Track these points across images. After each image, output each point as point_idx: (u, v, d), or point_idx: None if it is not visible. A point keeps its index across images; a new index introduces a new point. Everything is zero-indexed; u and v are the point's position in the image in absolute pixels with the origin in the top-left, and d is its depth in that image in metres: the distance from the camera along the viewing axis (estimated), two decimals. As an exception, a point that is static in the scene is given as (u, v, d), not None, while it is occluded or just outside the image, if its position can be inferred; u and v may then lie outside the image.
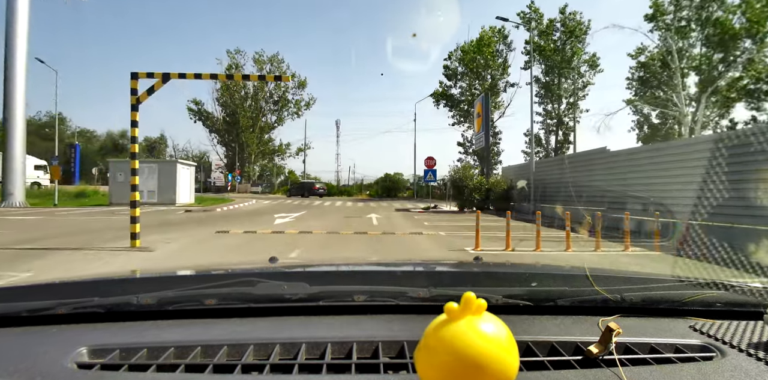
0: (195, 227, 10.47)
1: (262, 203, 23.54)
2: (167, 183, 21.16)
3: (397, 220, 13.96)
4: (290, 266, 1.60)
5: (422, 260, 2.14)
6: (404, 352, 0.70)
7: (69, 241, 7.39)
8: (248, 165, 49.47)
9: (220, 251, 7.07)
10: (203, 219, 13.28)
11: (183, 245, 7.44)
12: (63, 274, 4.97)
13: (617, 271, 1.56)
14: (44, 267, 5.23)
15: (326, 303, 0.89)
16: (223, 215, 15.29)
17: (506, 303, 0.89)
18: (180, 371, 0.63)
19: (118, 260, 5.81)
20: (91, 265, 5.45)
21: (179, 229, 10.03)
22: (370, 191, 38.17)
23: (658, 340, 0.75)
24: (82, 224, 11.13)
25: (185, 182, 22.31)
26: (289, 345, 0.71)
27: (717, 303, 0.93)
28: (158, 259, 6.04)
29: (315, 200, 28.09)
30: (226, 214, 16.25)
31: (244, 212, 17.57)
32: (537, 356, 0.68)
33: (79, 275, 1.60)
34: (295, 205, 22.42)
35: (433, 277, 1.28)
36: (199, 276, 1.27)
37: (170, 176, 21.19)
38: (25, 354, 0.68)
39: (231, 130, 48.45)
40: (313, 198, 29.56)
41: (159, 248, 6.76)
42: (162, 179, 21.24)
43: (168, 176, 21.20)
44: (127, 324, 0.82)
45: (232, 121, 47.65)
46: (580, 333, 0.79)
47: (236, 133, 47.64)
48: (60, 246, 6.81)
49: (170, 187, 21.10)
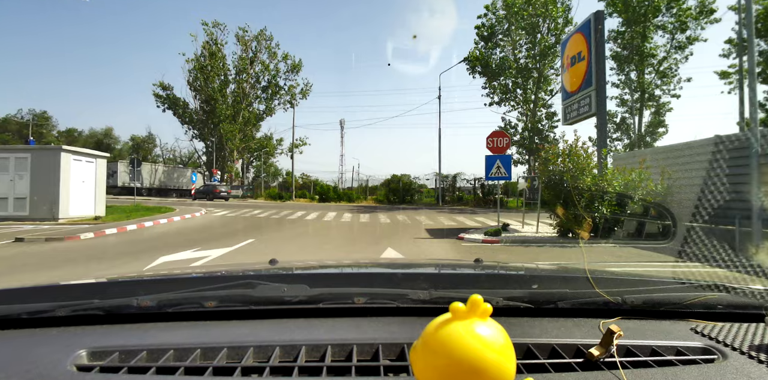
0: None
1: (210, 217, 14.90)
2: (45, 185, 12.60)
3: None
4: (290, 269, 1.44)
5: (423, 262, 2.12)
6: (404, 355, 0.69)
7: None
8: (229, 163, 40.89)
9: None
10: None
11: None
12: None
13: (618, 273, 1.45)
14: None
15: (326, 305, 0.88)
16: (80, 250, 7.62)
17: (507, 305, 0.88)
18: (180, 373, 0.63)
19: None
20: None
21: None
22: (378, 195, 29.60)
23: (659, 342, 0.74)
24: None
25: (83, 184, 13.69)
26: (289, 348, 0.70)
27: (718, 305, 0.92)
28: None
29: (294, 211, 19.29)
30: (94, 245, 8.10)
31: (143, 239, 8.94)
32: (538, 358, 0.68)
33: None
34: (252, 222, 13.66)
35: (433, 279, 1.26)
36: (198, 278, 1.20)
37: (50, 173, 12.63)
38: (25, 356, 0.67)
39: (209, 121, 39.92)
40: (288, 209, 20.91)
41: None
42: (37, 179, 12.69)
43: (47, 173, 12.64)
44: (126, 326, 0.82)
45: (210, 109, 39.08)
46: (581, 335, 0.78)
47: (213, 124, 39.03)
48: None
49: (50, 191, 12.55)
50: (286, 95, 41.64)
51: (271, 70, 41.13)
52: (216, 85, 38.35)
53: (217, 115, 38.06)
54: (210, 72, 38.00)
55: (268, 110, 42.14)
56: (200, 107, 40.18)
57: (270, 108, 42.17)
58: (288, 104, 41.61)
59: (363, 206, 23.86)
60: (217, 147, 41.09)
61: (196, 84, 38.82)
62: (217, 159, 41.26)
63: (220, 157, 41.35)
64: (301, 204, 25.44)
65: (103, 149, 55.59)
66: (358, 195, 29.39)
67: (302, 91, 41.90)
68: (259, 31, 40.21)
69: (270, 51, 41.36)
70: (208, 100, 38.65)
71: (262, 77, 41.09)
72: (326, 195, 28.61)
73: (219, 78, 39.06)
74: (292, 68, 41.60)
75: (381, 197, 28.22)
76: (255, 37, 40.54)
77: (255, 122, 41.87)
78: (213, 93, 38.05)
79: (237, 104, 39.71)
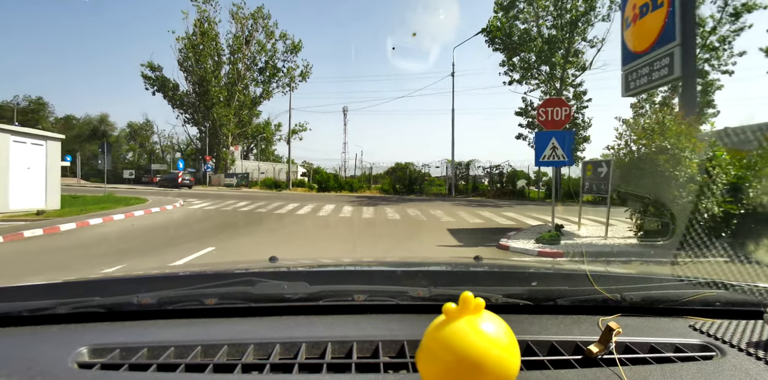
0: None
1: (183, 211, 12.36)
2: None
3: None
4: (290, 266, 1.43)
5: (422, 260, 2.09)
6: (404, 352, 0.69)
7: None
8: (224, 150, 38.30)
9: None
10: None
11: None
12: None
13: (617, 271, 1.49)
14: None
15: (326, 303, 0.87)
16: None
17: (506, 302, 0.88)
18: (180, 370, 0.62)
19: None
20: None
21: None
22: (382, 184, 26.99)
23: (658, 339, 0.74)
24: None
25: (29, 171, 11.19)
26: (289, 345, 0.70)
27: (717, 303, 0.92)
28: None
29: (286, 202, 16.80)
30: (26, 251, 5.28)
31: (63, 246, 6.39)
32: (537, 355, 0.68)
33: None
34: (228, 219, 11.07)
35: (433, 277, 1.22)
36: (199, 276, 1.22)
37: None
38: (26, 353, 0.67)
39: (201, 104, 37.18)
40: (280, 200, 18.48)
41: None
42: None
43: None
44: (127, 323, 0.81)
45: (202, 92, 36.31)
46: (580, 332, 0.78)
47: (206, 107, 36.30)
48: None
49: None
50: (285, 77, 38.74)
51: (268, 51, 38.18)
52: (208, 66, 35.49)
53: (209, 97, 35.30)
54: (201, 51, 35.07)
55: (266, 93, 39.35)
56: (192, 90, 37.36)
57: (268, 91, 39.37)
58: (287, 87, 38.73)
59: (366, 196, 21.25)
60: (211, 133, 38.47)
61: (187, 64, 35.96)
62: (212, 146, 38.67)
63: (215, 143, 38.74)
64: (298, 194, 22.91)
65: (99, 136, 53.55)
66: (361, 184, 26.73)
67: (302, 74, 38.97)
68: (256, 9, 37.11)
69: (267, 30, 38.32)
70: (201, 82, 35.83)
71: (258, 58, 38.20)
72: (326, 184, 26.03)
73: (212, 58, 36.16)
74: (292, 49, 38.58)
75: (386, 187, 25.59)
76: (251, 15, 37.49)
77: (251, 106, 39.09)
78: (205, 74, 35.24)
79: (231, 86, 36.94)
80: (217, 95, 35.15)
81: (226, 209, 13.19)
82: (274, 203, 15.02)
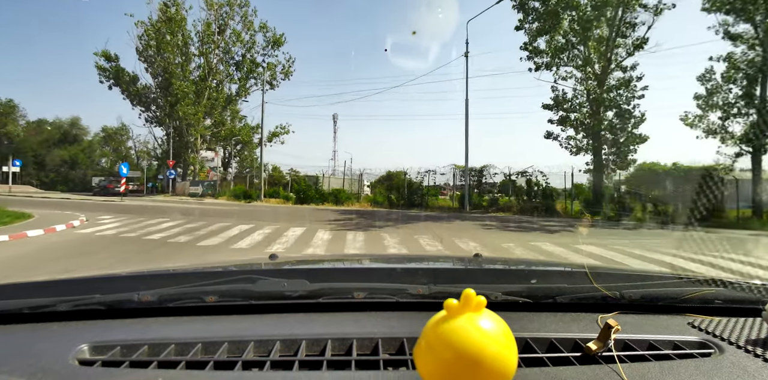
0: None
1: (66, 236, 7.26)
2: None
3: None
4: (290, 264, 1.45)
5: (422, 257, 2.07)
6: (404, 349, 0.69)
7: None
8: (191, 154, 33.15)
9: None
10: None
11: None
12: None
13: (616, 268, 1.44)
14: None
15: (326, 300, 0.87)
16: None
17: (506, 299, 0.87)
18: (181, 367, 0.63)
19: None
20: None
21: None
22: (375, 195, 22.13)
23: (656, 337, 0.74)
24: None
25: None
26: (289, 342, 0.70)
27: (716, 300, 0.91)
28: None
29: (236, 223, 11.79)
30: None
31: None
32: (536, 352, 0.68)
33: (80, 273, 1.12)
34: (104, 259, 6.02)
35: (432, 274, 1.22)
36: (199, 273, 1.19)
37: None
38: (27, 350, 0.67)
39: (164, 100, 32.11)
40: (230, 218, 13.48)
41: None
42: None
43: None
44: (128, 320, 0.81)
45: (165, 86, 31.26)
46: (579, 329, 0.78)
47: (169, 104, 31.19)
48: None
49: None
50: (264, 73, 33.85)
51: (246, 43, 33.35)
52: (172, 55, 30.49)
53: (173, 92, 30.23)
54: (163, 38, 30.06)
55: (243, 90, 34.43)
56: (155, 83, 32.28)
57: (245, 88, 34.45)
58: (267, 84, 33.80)
59: (355, 211, 16.26)
60: (177, 134, 33.37)
61: (147, 54, 30.91)
62: (179, 149, 33.53)
63: (181, 146, 33.60)
64: (269, 208, 17.92)
65: (70, 140, 48.06)
66: (349, 195, 21.75)
67: (284, 70, 34.13)
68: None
69: (245, 19, 33.52)
70: (163, 74, 30.82)
71: (234, 51, 33.37)
72: (305, 195, 21.05)
73: (178, 48, 31.18)
74: (273, 42, 33.73)
75: (379, 198, 20.73)
76: (228, 2, 32.67)
77: (225, 105, 34.03)
78: (167, 65, 30.21)
79: (202, 81, 31.98)
80: (182, 90, 30.07)
81: (130, 235, 8.18)
82: (214, 225, 10.02)
